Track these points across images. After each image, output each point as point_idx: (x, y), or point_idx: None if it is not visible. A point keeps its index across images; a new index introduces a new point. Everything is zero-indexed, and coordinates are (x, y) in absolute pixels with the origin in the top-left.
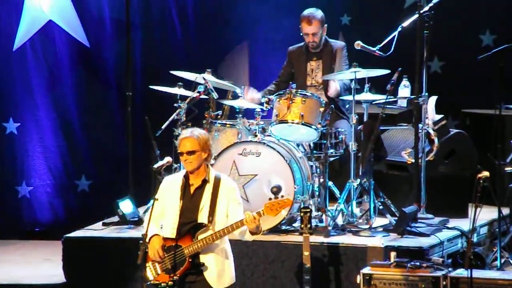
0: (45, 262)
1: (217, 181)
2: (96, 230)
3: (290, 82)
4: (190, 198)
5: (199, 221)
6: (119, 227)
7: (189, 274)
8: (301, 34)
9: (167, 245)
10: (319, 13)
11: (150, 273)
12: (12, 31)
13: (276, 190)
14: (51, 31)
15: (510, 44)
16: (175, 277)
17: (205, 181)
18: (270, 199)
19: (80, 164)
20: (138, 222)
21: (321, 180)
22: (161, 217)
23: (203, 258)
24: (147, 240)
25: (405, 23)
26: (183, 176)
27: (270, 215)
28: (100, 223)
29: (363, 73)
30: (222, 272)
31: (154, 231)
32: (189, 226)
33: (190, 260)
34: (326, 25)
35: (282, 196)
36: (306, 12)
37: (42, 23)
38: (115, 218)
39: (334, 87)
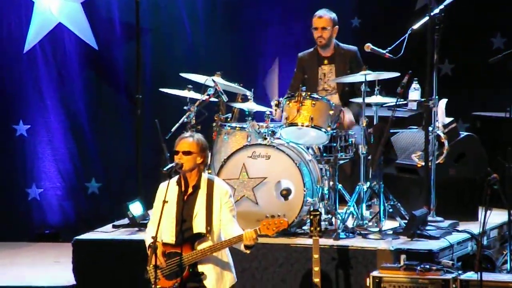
0: (55, 264)
1: (210, 186)
2: (106, 232)
3: (300, 85)
4: (183, 204)
5: (194, 228)
6: (129, 229)
7: (189, 281)
8: (311, 28)
9: (167, 251)
10: (332, 13)
11: (151, 277)
12: (22, 33)
13: (286, 193)
14: (60, 33)
15: None
16: (176, 284)
17: (196, 187)
18: (266, 217)
19: (90, 167)
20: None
21: (331, 183)
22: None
23: (201, 267)
24: (147, 245)
25: (416, 26)
26: (176, 183)
27: (267, 233)
28: (110, 225)
29: (373, 75)
30: (221, 275)
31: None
32: (188, 234)
33: (190, 270)
34: (337, 27)
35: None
36: (319, 10)
37: (52, 25)
38: (125, 221)
39: (348, 119)
